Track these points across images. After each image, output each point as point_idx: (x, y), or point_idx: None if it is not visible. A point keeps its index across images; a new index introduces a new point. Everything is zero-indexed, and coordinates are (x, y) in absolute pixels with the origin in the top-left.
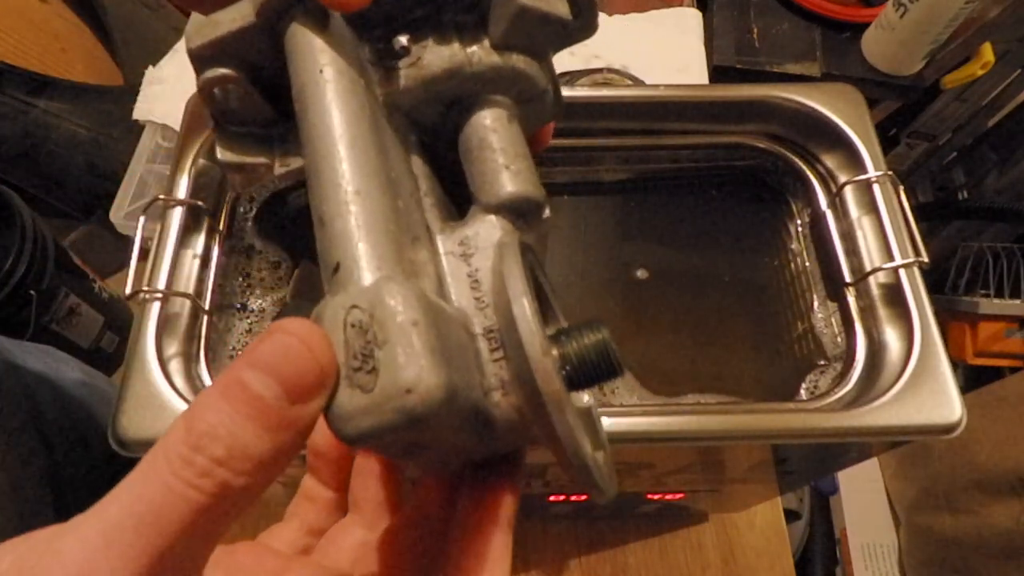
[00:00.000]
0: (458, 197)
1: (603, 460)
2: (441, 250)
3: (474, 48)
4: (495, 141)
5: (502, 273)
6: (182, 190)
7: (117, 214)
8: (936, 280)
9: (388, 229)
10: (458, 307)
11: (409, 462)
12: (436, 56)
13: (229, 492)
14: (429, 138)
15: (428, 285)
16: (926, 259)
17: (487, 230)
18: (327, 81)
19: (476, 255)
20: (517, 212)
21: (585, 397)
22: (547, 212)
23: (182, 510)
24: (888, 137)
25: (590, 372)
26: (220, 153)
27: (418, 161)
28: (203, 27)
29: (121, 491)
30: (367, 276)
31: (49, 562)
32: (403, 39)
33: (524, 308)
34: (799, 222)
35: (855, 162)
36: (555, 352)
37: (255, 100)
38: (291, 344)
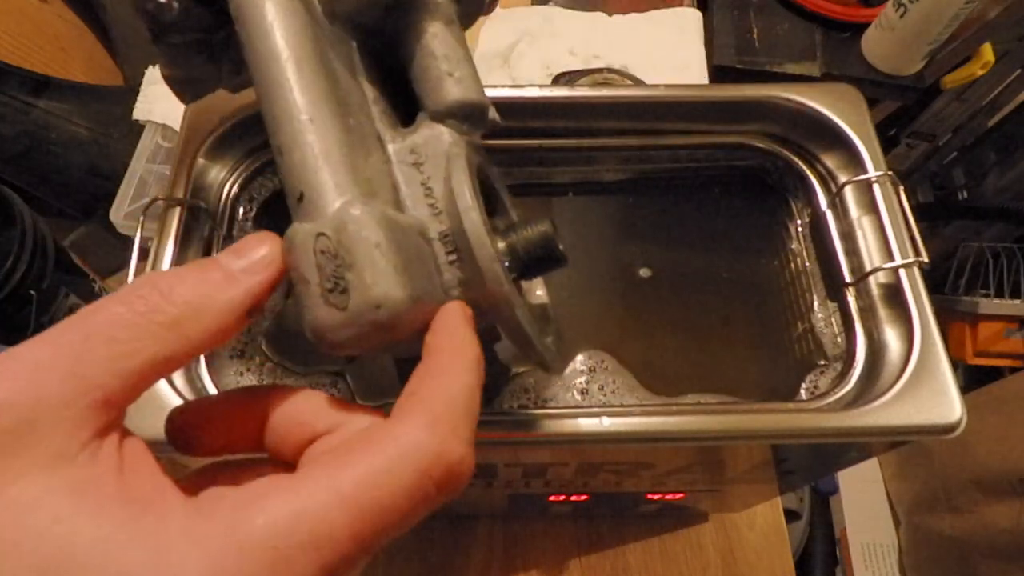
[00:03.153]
0: (405, 97)
1: (552, 342)
2: (394, 159)
3: None
4: (437, 47)
5: (452, 188)
6: (182, 190)
7: (117, 214)
8: (936, 280)
9: (344, 153)
10: (415, 215)
11: (400, 351)
12: None
13: (167, 323)
14: (370, 41)
15: (385, 197)
16: (926, 259)
17: (435, 138)
18: (265, 1)
19: (427, 163)
20: (463, 117)
21: (539, 291)
22: (492, 113)
23: (126, 337)
24: (888, 137)
25: (537, 262)
26: (164, 69)
27: (362, 67)
28: None
29: (61, 324)
30: (330, 204)
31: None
32: None
33: (473, 221)
34: (799, 222)
35: (855, 162)
36: (502, 245)
37: (192, 9)
38: (254, 238)
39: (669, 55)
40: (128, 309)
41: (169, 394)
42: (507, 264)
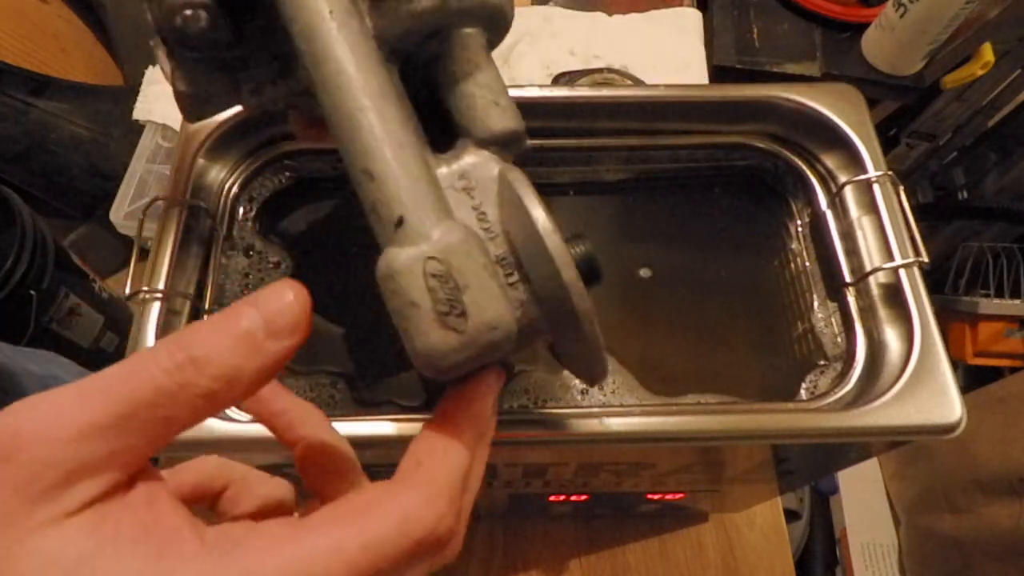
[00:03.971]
0: (428, 124)
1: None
2: (443, 184)
3: None
4: (481, 77)
5: (527, 211)
6: (182, 190)
7: (117, 214)
8: (936, 280)
9: (431, 178)
10: None
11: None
12: None
13: (203, 395)
14: (403, 67)
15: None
16: (926, 259)
17: (484, 164)
18: (338, 26)
19: (477, 189)
20: (504, 144)
21: None
22: (527, 142)
23: (166, 406)
24: (888, 137)
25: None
26: (180, 84)
27: (403, 95)
28: None
29: (104, 383)
30: (432, 227)
31: (21, 406)
32: None
33: (557, 243)
34: (799, 222)
35: (855, 162)
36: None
37: (219, 24)
38: (280, 293)
39: (669, 55)
40: (168, 380)
41: None
42: None
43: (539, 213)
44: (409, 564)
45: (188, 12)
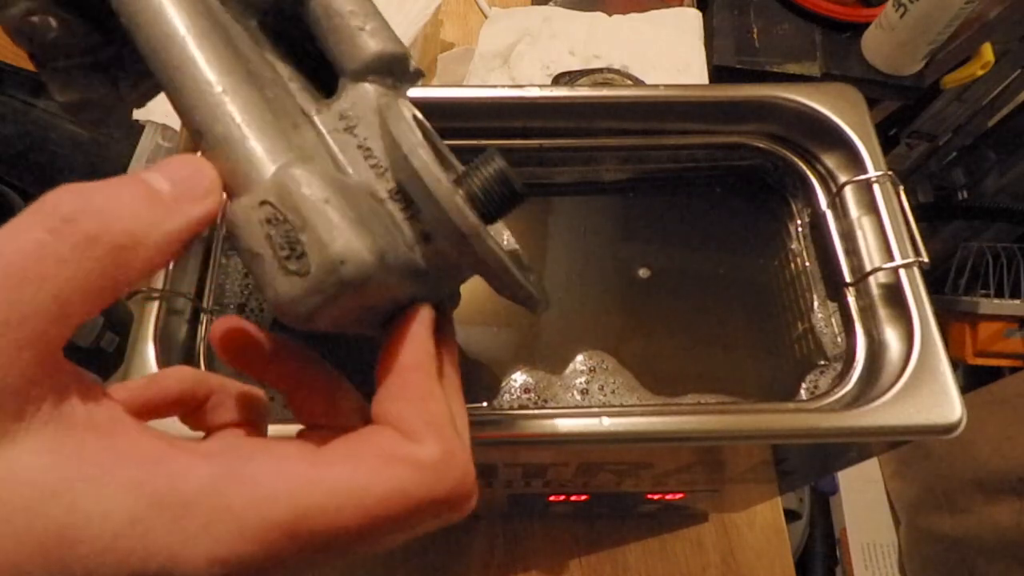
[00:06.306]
0: (325, 77)
1: (534, 281)
2: (323, 129)
3: None
4: (343, 5)
5: (391, 132)
6: None
7: None
8: (936, 280)
9: (267, 120)
10: (359, 179)
11: (366, 325)
12: None
13: (108, 254)
14: (271, 20)
15: (324, 165)
16: (926, 259)
17: (362, 98)
18: None
19: (359, 125)
20: (385, 71)
21: (504, 239)
22: (413, 64)
23: (53, 271)
24: (888, 137)
25: (497, 202)
26: (58, 95)
27: (268, 47)
28: None
29: None
30: (265, 170)
31: None
32: None
33: (423, 158)
34: (799, 222)
35: (855, 162)
36: (461, 192)
37: (74, 25)
38: (188, 161)
39: (669, 55)
40: (56, 239)
41: None
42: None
43: (403, 130)
44: (423, 521)
45: (35, 19)
